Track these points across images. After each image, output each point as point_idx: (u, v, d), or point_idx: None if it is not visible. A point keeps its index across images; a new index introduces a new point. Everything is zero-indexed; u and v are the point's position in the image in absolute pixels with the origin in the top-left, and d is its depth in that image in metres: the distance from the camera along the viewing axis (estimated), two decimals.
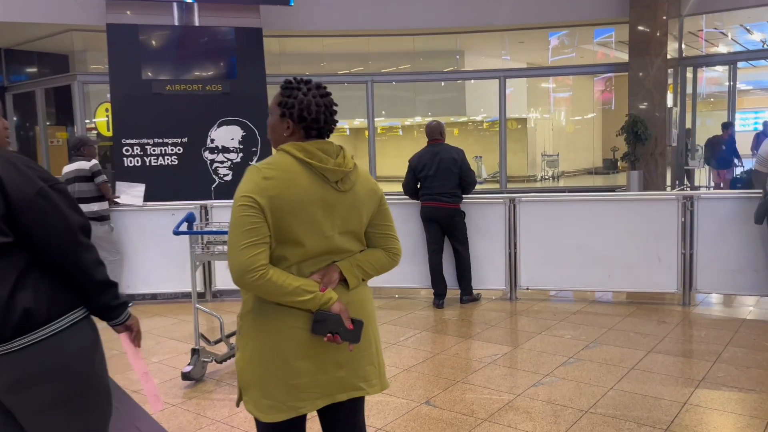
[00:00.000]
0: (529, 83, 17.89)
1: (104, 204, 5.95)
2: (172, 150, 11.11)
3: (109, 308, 2.01)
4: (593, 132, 18.42)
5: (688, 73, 13.16)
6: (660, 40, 11.78)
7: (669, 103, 12.29)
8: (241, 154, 9.56)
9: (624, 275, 5.68)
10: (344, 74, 15.07)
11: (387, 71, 15.13)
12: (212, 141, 9.74)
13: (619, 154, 13.12)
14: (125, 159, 10.93)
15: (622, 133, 11.92)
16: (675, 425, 3.23)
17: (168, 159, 10.01)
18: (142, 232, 6.28)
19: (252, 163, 1.95)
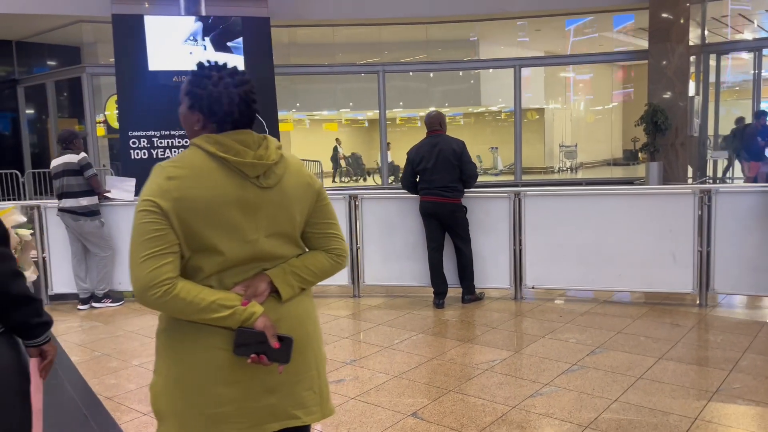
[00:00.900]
0: (547, 72, 17.49)
1: (94, 198, 5.75)
2: (179, 142, 10.97)
3: (28, 326, 1.80)
4: (612, 122, 17.96)
5: (711, 61, 12.65)
6: (682, 27, 11.33)
7: (691, 92, 11.84)
8: None
9: (636, 274, 5.34)
10: (355, 64, 14.76)
11: (402, 61, 14.83)
12: None
13: (639, 145, 12.74)
14: (132, 151, 10.80)
15: (642, 123, 11.54)
16: None
17: (175, 151, 9.86)
18: None
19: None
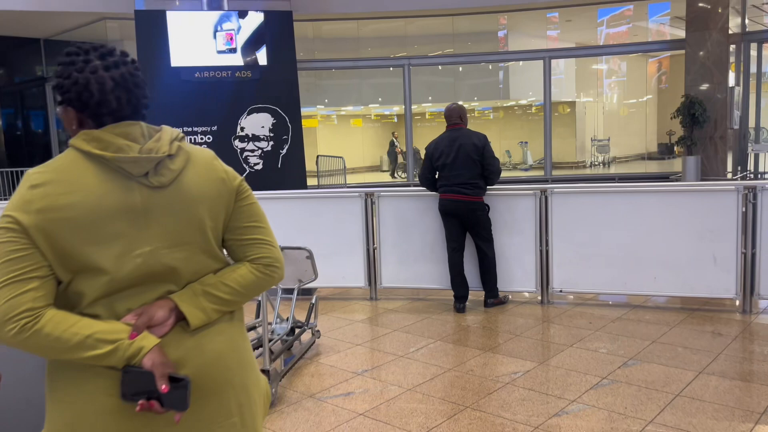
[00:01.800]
0: (578, 65, 16.97)
1: None
2: (202, 139, 10.81)
3: None
4: (647, 115, 17.36)
5: (752, 50, 12.04)
6: (720, 15, 10.79)
7: (730, 83, 11.28)
8: (272, 143, 9.18)
9: (673, 278, 4.95)
10: (380, 59, 14.45)
11: (429, 54, 14.50)
12: (242, 129, 9.40)
13: (675, 138, 12.25)
14: None
15: (678, 116, 11.05)
16: None
17: None
18: None
19: (282, 152, 1.38)
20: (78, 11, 12.48)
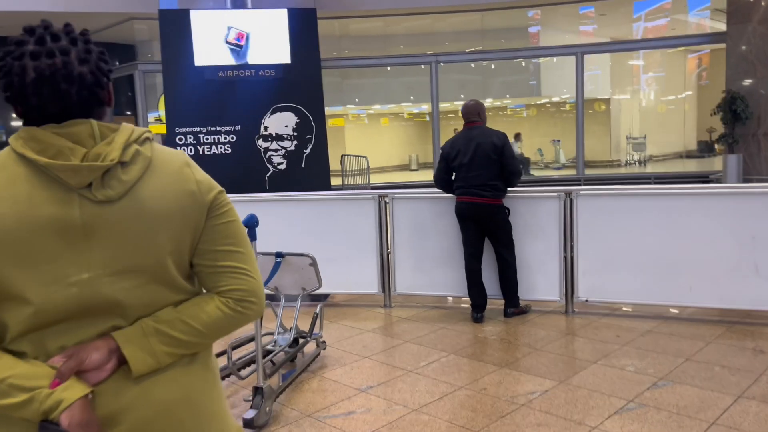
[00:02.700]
0: (614, 60, 16.44)
1: None
2: (225, 138, 10.70)
3: None
4: (685, 112, 16.73)
5: None
6: (764, 6, 10.23)
7: None
8: (296, 142, 9.03)
9: (710, 287, 4.55)
10: (407, 56, 14.17)
11: (458, 51, 14.16)
12: (266, 128, 9.29)
13: (716, 136, 11.71)
14: (178, 148, 10.61)
15: (719, 112, 10.53)
16: None
17: (221, 148, 9.61)
18: None
19: (306, 152, 1.13)
20: (105, 12, 12.51)
